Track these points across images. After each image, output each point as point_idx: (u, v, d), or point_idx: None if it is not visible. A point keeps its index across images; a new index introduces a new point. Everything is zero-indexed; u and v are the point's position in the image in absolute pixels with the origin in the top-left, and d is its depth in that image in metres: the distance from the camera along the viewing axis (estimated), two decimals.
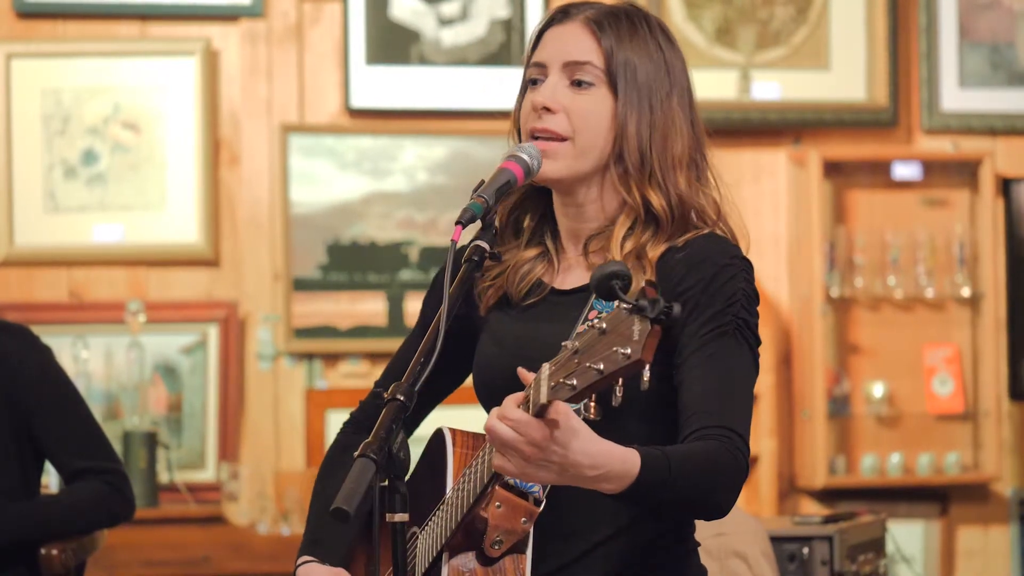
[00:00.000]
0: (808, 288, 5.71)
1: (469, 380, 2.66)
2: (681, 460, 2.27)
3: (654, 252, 2.48)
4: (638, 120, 2.50)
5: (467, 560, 2.39)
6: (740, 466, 2.34)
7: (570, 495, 2.36)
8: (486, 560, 2.39)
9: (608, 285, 2.05)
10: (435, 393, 2.67)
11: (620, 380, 2.07)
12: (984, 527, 5.89)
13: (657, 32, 2.55)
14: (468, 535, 2.39)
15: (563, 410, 2.16)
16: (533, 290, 2.56)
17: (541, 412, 2.15)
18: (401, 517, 2.24)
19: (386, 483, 2.25)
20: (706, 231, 2.50)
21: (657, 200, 2.49)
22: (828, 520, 4.34)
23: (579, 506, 2.44)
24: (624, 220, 2.51)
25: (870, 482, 5.76)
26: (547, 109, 2.50)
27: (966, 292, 5.83)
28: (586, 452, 2.19)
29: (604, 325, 2.06)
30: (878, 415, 5.82)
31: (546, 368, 2.14)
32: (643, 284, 2.07)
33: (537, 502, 2.38)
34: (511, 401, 2.20)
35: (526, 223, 2.61)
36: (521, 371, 2.22)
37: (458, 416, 2.78)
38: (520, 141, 2.57)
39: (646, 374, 2.05)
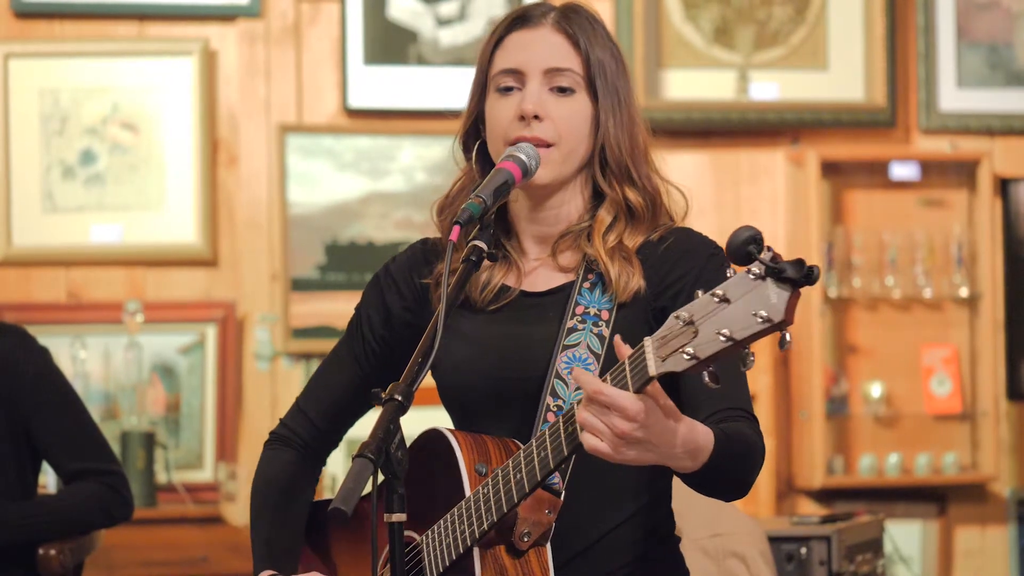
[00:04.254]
0: (806, 288, 5.69)
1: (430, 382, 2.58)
2: (732, 439, 2.31)
3: (631, 244, 2.52)
4: (615, 122, 2.54)
5: (497, 555, 2.42)
6: (763, 448, 2.40)
7: (579, 487, 2.40)
8: (515, 553, 2.42)
9: (746, 251, 2.05)
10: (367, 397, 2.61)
11: (747, 347, 2.07)
12: (982, 527, 5.89)
13: (604, 27, 2.59)
14: (499, 531, 2.41)
15: (659, 387, 2.16)
16: (500, 294, 2.57)
17: (642, 387, 2.15)
18: (399, 517, 2.24)
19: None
20: (674, 225, 2.56)
21: (635, 196, 2.53)
22: (826, 520, 4.34)
23: (589, 498, 2.45)
24: (605, 216, 2.54)
25: (868, 482, 5.76)
26: (537, 117, 2.51)
27: (964, 292, 5.83)
28: (677, 430, 2.21)
29: (722, 293, 2.06)
30: (876, 415, 5.82)
31: (649, 342, 2.14)
32: (768, 251, 2.06)
33: (557, 493, 2.41)
34: (596, 381, 2.18)
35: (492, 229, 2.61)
36: (618, 340, 2.20)
37: (427, 418, 2.72)
38: (468, 146, 2.61)
39: (788, 336, 2.06)
